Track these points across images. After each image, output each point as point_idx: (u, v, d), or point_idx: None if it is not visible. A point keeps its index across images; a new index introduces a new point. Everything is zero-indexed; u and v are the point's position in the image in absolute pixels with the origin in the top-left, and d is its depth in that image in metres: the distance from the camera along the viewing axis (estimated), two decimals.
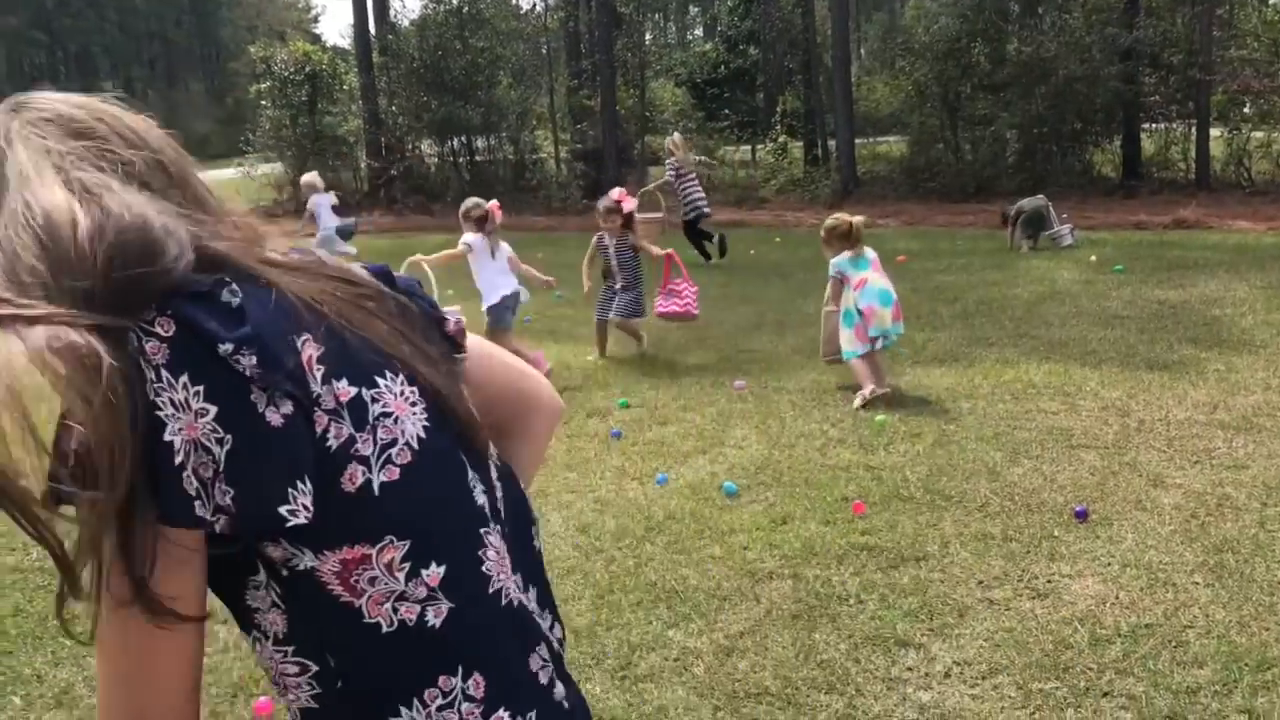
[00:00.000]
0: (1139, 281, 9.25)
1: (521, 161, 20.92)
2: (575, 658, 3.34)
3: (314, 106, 20.77)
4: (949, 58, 16.91)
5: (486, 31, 20.51)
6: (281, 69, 20.60)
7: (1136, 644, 3.27)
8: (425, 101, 19.99)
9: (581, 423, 5.94)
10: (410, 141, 20.95)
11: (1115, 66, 15.94)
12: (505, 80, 21.17)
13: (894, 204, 16.75)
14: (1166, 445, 5.04)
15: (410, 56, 20.15)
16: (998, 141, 17.12)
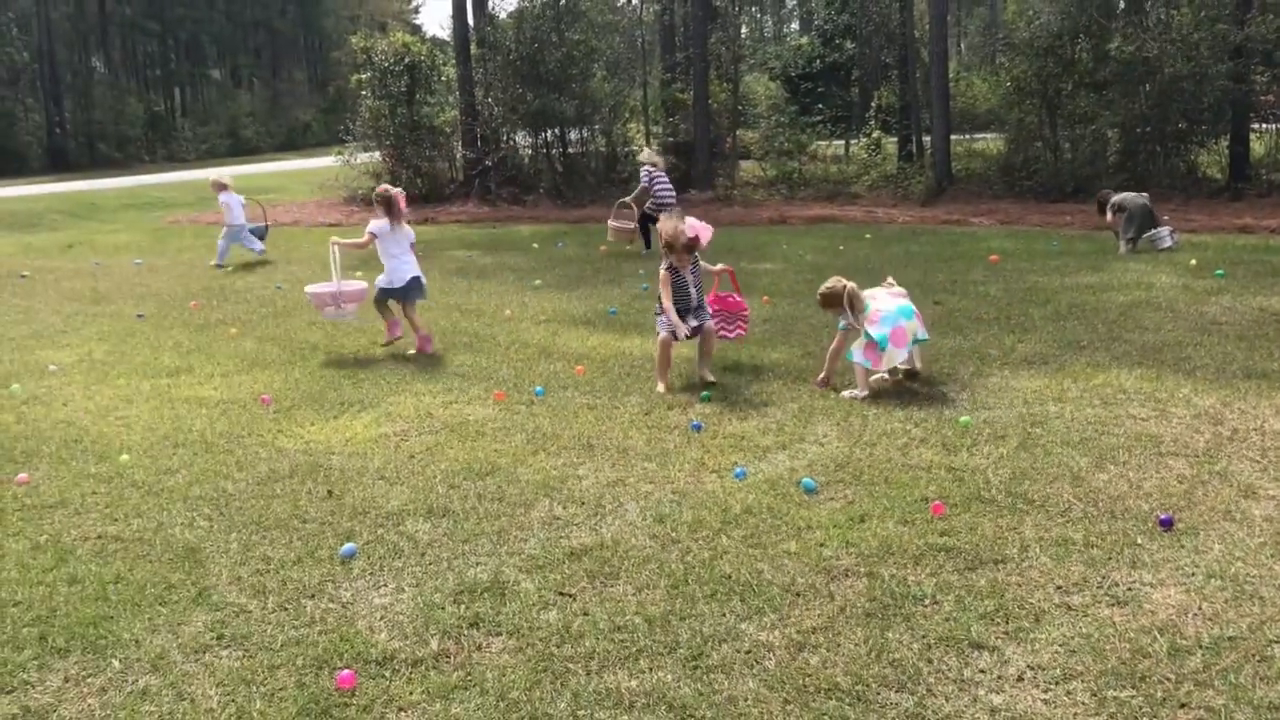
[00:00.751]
0: (1240, 288, 8.99)
1: (614, 154, 21.04)
2: (648, 645, 3.41)
3: (412, 97, 21.12)
4: (1050, 54, 16.57)
5: (582, 24, 20.64)
6: (382, 59, 20.98)
7: (1218, 656, 3.22)
8: (520, 93, 20.20)
9: (662, 414, 6.00)
10: (505, 133, 21.19)
11: (1225, 64, 15.45)
12: (599, 73, 21.29)
13: (988, 202, 16.49)
14: (1260, 456, 4.91)
15: (507, 49, 20.37)
16: (1098, 140, 16.73)
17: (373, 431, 5.89)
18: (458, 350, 7.85)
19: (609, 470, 5.10)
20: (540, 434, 5.72)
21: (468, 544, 4.28)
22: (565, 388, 6.67)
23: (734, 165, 21.34)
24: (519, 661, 3.35)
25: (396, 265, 7.93)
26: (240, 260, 13.53)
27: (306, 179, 28.21)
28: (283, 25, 74.08)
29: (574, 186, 20.16)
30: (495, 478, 5.05)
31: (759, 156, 21.26)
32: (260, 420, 6.18)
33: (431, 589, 3.88)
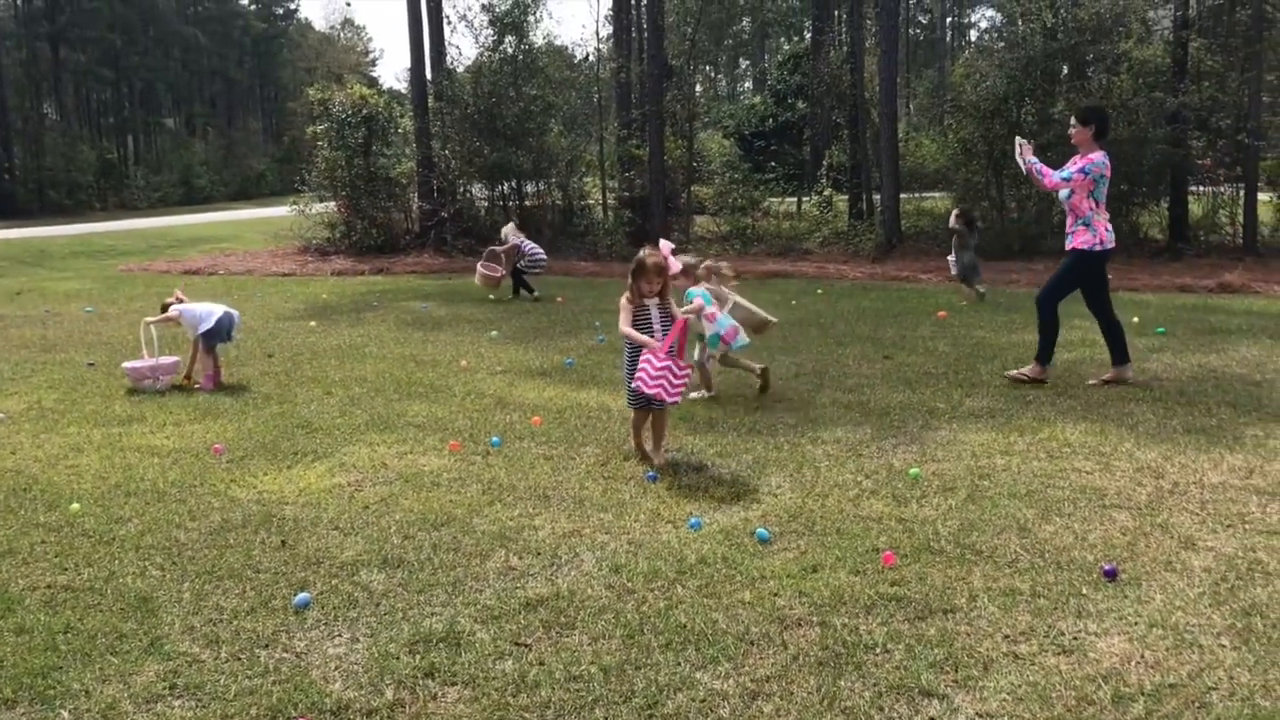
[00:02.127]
0: (1180, 345, 9.25)
1: (570, 207, 21.22)
2: (603, 695, 3.43)
3: (369, 148, 21.23)
4: (995, 116, 17.05)
5: (540, 80, 20.90)
6: (339, 110, 21.09)
7: (1160, 703, 3.30)
8: (478, 146, 20.38)
9: (619, 465, 6.04)
10: (462, 185, 21.32)
11: (1163, 129, 15.97)
12: (556, 128, 21.53)
13: (937, 259, 16.79)
14: (1199, 508, 5.05)
15: (465, 102, 20.56)
16: (1044, 201, 17.15)
17: (326, 482, 5.88)
18: (413, 400, 7.86)
19: (565, 521, 5.13)
20: (496, 484, 5.74)
21: (423, 594, 4.29)
22: (521, 438, 6.70)
23: (689, 220, 21.59)
24: (474, 711, 3.36)
25: (206, 314, 8.60)
26: None
27: (260, 228, 28.14)
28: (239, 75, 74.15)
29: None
30: (450, 528, 5.05)
31: (713, 212, 21.56)
32: (213, 470, 6.15)
33: (386, 639, 3.88)
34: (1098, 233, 7.73)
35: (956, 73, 21.07)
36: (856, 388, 7.96)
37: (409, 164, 21.99)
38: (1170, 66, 16.79)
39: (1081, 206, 7.77)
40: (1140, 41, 17.32)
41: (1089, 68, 17.60)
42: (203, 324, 8.53)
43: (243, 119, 75.37)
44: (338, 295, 15.03)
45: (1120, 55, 17.03)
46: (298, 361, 9.60)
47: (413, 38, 21.68)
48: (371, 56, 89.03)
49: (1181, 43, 16.86)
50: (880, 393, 7.75)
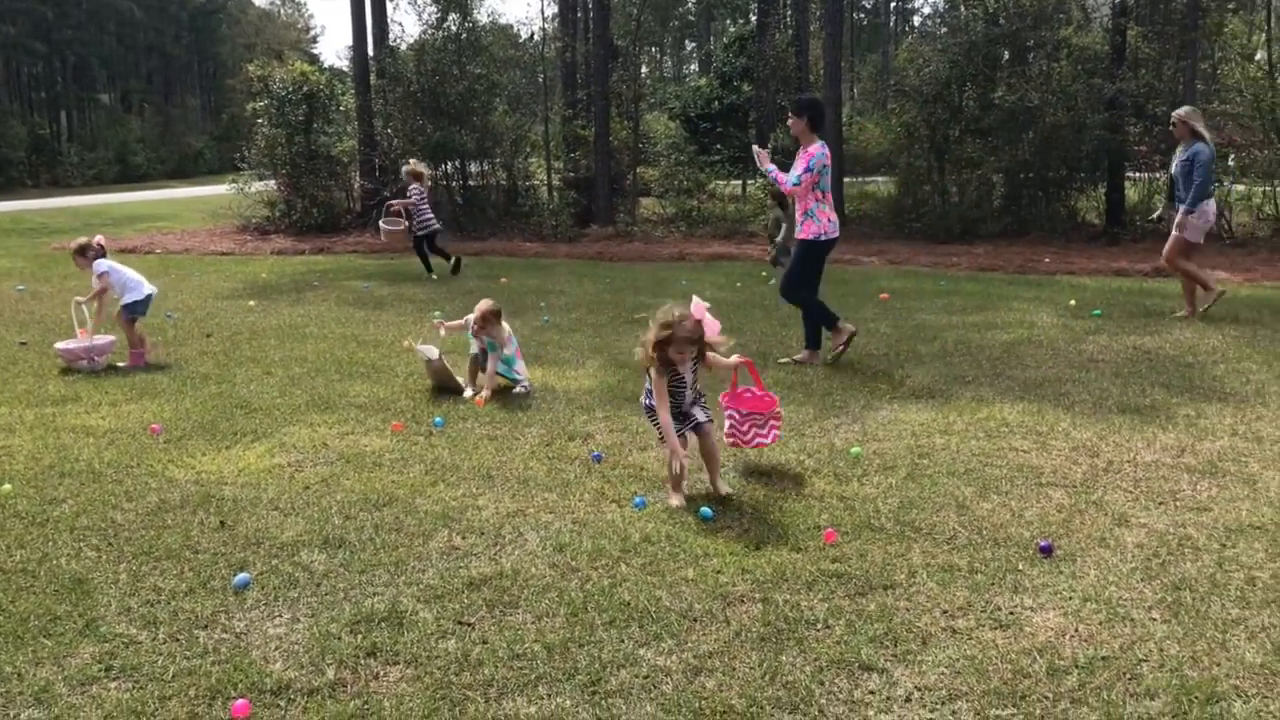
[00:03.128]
0: (1116, 327, 9.43)
1: (514, 188, 21.09)
2: (547, 672, 3.43)
3: (310, 126, 20.93)
4: (938, 101, 17.18)
5: (484, 59, 20.70)
6: (279, 88, 20.76)
7: (1092, 675, 3.38)
8: (420, 125, 20.16)
9: (563, 445, 6.04)
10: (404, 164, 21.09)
11: (1100, 115, 16.22)
12: (501, 107, 21.36)
13: (880, 243, 16.96)
14: (1133, 486, 5.16)
15: (407, 80, 20.32)
16: (984, 185, 17.39)
17: (266, 462, 5.81)
18: (355, 380, 7.79)
19: (509, 501, 5.12)
20: (439, 465, 5.70)
21: (364, 574, 4.26)
22: (465, 419, 6.67)
23: (634, 202, 21.57)
24: (417, 690, 3.35)
25: (136, 284, 8.58)
26: None
27: (198, 207, 27.66)
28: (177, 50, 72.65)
29: (474, 219, 20.13)
30: (393, 508, 5.02)
31: (659, 194, 21.54)
32: (150, 450, 6.05)
33: (327, 619, 3.84)
34: (821, 223, 8.06)
35: (900, 57, 21.25)
36: (800, 369, 8.01)
37: (350, 142, 21.72)
38: (1108, 53, 17.06)
39: (808, 199, 8.05)
40: (1080, 28, 17.60)
41: (1029, 53, 17.81)
42: (129, 293, 8.46)
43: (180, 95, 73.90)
44: (277, 275, 14.83)
45: (1060, 41, 17.26)
46: (236, 341, 9.46)
47: (355, 14, 21.39)
48: (313, 33, 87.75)
49: (1120, 30, 17.13)
50: (823, 373, 7.81)
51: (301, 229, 20.34)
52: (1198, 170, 9.63)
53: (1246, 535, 4.52)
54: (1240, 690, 3.27)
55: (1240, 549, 4.37)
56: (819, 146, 7.95)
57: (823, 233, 8.05)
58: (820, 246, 8.14)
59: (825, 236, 8.07)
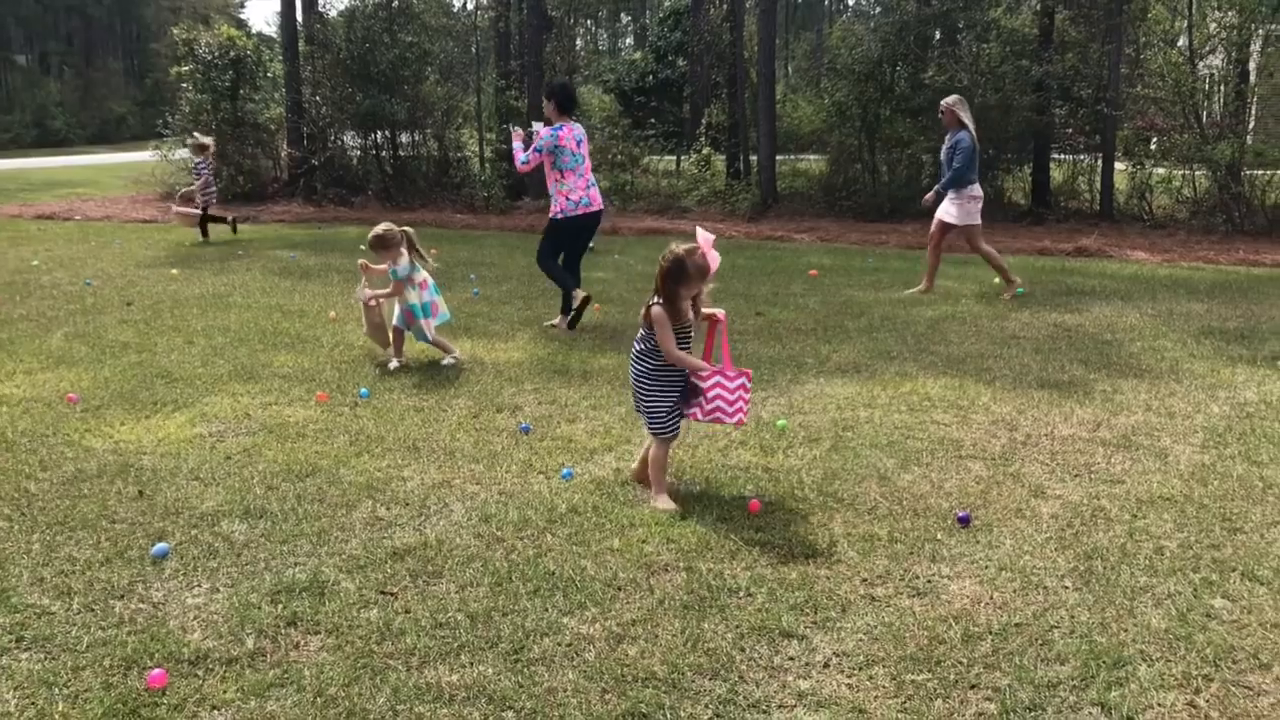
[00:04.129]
0: (1038, 305, 9.62)
1: (446, 159, 20.84)
2: (469, 641, 3.43)
3: (236, 92, 20.47)
4: (870, 80, 17.28)
5: (415, 26, 20.39)
6: (205, 52, 20.27)
7: (1005, 641, 3.46)
8: (350, 93, 19.82)
9: (490, 417, 6.02)
10: (333, 132, 20.75)
11: (1028, 97, 16.46)
12: (432, 76, 21.07)
13: (811, 220, 17.06)
14: (1049, 459, 5.29)
15: (337, 47, 19.95)
16: (914, 164, 17.54)
17: (187, 432, 5.71)
18: (279, 351, 7.67)
19: (434, 472, 5.09)
20: (364, 436, 5.65)
21: (286, 545, 4.21)
22: (390, 390, 6.61)
23: None
24: (338, 659, 3.33)
25: None
26: (51, 255, 12.87)
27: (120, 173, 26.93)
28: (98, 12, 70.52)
29: (404, 189, 19.88)
30: (316, 479, 4.97)
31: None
32: (67, 419, 5.91)
33: (247, 589, 3.80)
34: (559, 203, 8.50)
35: (833, 36, 21.33)
36: (729, 343, 8.04)
37: (278, 110, 21.30)
38: (1037, 36, 17.28)
39: (548, 180, 8.55)
40: (1009, 10, 17.77)
41: (960, 34, 17.99)
42: None
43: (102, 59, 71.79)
44: (202, 243, 14.52)
45: (990, 23, 17.44)
46: (158, 310, 9.26)
47: None
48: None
49: (1048, 13, 17.36)
50: (752, 348, 7.86)
51: (227, 197, 19.88)
52: (958, 156, 10.00)
53: (1156, 506, 4.65)
54: (1145, 655, 3.37)
55: (1150, 520, 4.50)
56: (549, 130, 8.39)
57: (561, 211, 8.49)
58: (559, 224, 8.57)
59: (564, 215, 8.49)
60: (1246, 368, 7.18)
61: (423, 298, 7.28)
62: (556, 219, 8.54)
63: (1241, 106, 15.65)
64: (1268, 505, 4.67)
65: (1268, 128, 16.88)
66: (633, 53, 37.59)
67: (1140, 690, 3.16)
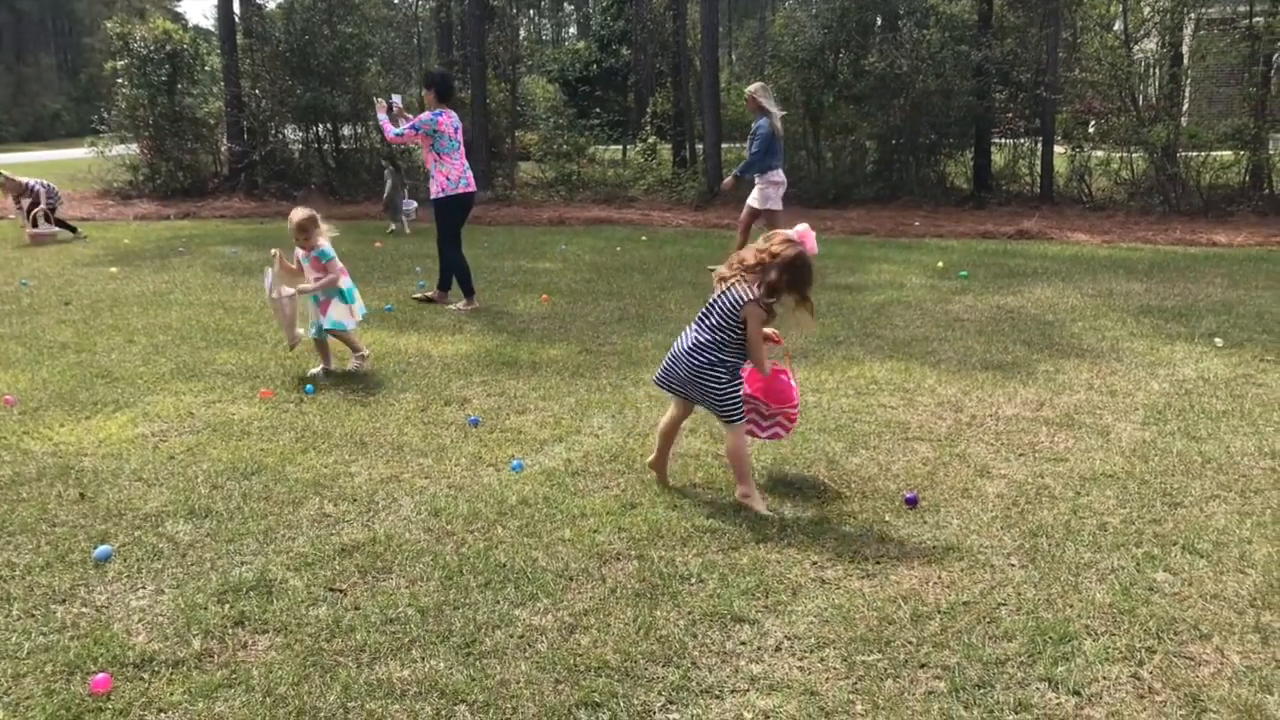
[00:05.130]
0: (981, 288, 9.73)
1: (390, 151, 20.65)
2: (420, 635, 3.41)
3: (173, 86, 20.12)
4: (812, 67, 17.37)
5: (355, 18, 20.19)
6: (140, 46, 19.89)
7: (954, 620, 3.50)
8: (290, 86, 19.58)
9: (439, 410, 5.98)
10: (274, 126, 20.48)
11: (968, 82, 16.63)
12: (374, 68, 20.87)
13: None
14: (994, 439, 5.35)
15: (276, 39, 19.70)
16: (857, 150, 17.67)
17: (129, 432, 5.61)
18: (222, 348, 7.57)
19: (383, 466, 5.05)
20: (310, 432, 5.59)
21: (232, 544, 4.16)
22: (337, 385, 6.54)
23: (513, 166, 21.35)
24: (286, 658, 3.29)
25: None
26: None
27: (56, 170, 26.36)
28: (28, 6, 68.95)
29: (347, 182, 19.69)
30: (262, 476, 4.91)
31: (538, 158, 21.36)
32: (3, 422, 5.78)
33: (193, 589, 3.75)
34: (439, 183, 8.86)
35: (776, 23, 21.41)
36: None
37: (217, 104, 20.97)
38: (976, 21, 17.46)
39: (428, 160, 8.93)
40: None
41: (900, 20, 18.13)
42: None
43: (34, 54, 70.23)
44: (141, 240, 14.28)
45: (929, 9, 17.60)
46: (97, 309, 9.09)
47: None
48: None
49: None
50: None
51: (166, 193, 19.60)
52: (756, 142, 10.25)
53: (1099, 483, 4.72)
54: (1090, 629, 3.43)
55: (1093, 496, 4.57)
56: (430, 114, 8.81)
57: (442, 191, 8.86)
58: (442, 204, 8.93)
59: (445, 194, 8.86)
60: (1185, 345, 7.32)
61: (347, 283, 6.87)
62: (439, 198, 8.90)
63: (1176, 89, 15.92)
64: (1206, 480, 4.77)
65: (1201, 110, 17.19)
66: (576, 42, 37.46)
67: (1086, 664, 3.21)
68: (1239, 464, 4.96)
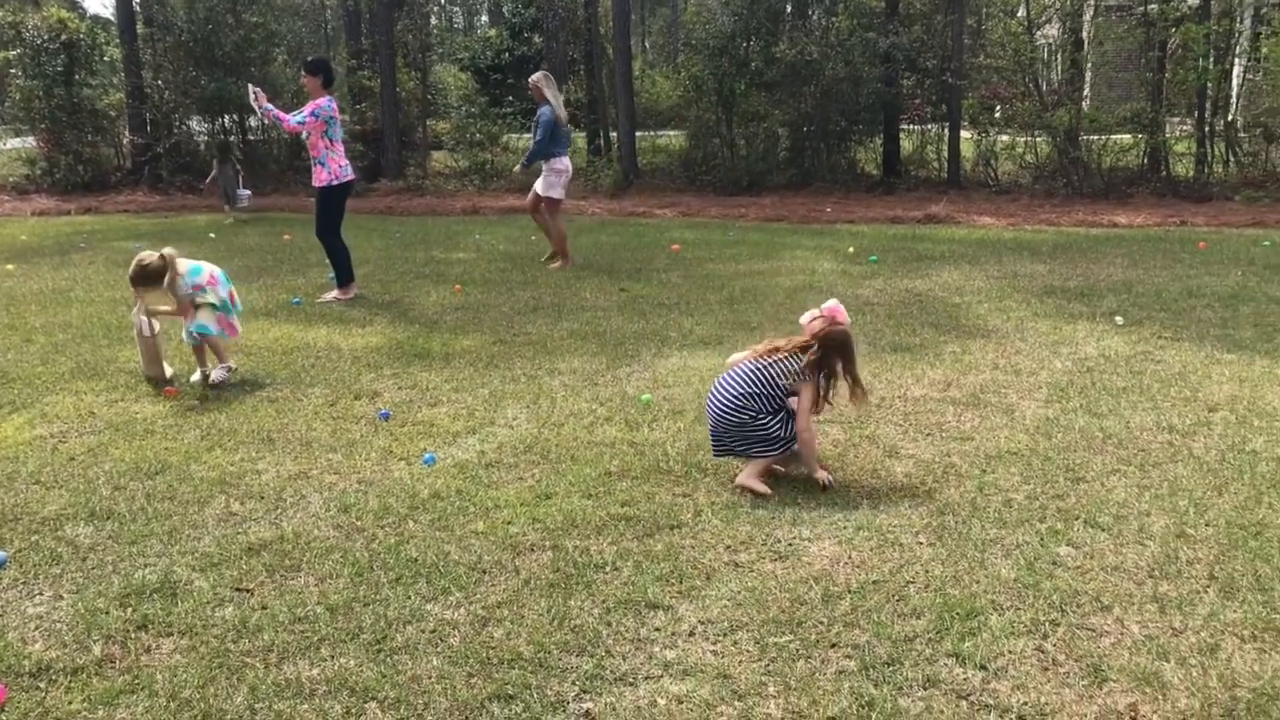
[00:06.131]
0: (890, 271, 9.87)
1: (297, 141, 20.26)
2: (330, 633, 3.36)
3: (71, 77, 19.48)
4: (724, 54, 17.42)
5: (261, 6, 19.75)
6: (33, 35, 19.22)
7: (864, 599, 3.55)
8: (194, 76, 19.09)
9: (349, 405, 5.89)
10: (178, 118, 19.96)
11: (876, 69, 16.84)
12: (281, 57, 20.46)
13: (672, 195, 17.17)
14: (903, 420, 5.44)
15: (178, 29, 19.19)
16: (770, 138, 17.79)
17: (26, 434, 5.43)
18: (125, 345, 7.36)
19: (291, 463, 4.96)
20: (216, 429, 5.47)
21: (135, 545, 4.05)
22: (244, 380, 6.41)
23: (425, 155, 21.09)
24: (192, 660, 3.22)
25: None
26: None
27: None
28: None
29: (255, 174, 19.25)
30: (166, 476, 4.79)
31: (450, 147, 21.13)
32: None
33: (94, 594, 3.64)
34: (332, 170, 8.82)
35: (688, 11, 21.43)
36: (593, 320, 8.05)
37: (118, 95, 20.37)
38: (884, 9, 17.69)
39: (318, 146, 8.80)
40: None
41: (810, 8, 18.29)
42: None
43: None
44: (39, 237, 13.84)
45: None
46: None
47: None
48: None
49: None
50: (616, 323, 7.87)
51: (66, 188, 18.99)
52: (538, 130, 10.38)
53: (1004, 461, 4.83)
54: (996, 604, 3.50)
55: (999, 474, 4.67)
56: (327, 99, 8.74)
57: (335, 178, 8.81)
58: (334, 191, 8.87)
59: (337, 181, 8.82)
60: (1086, 324, 7.51)
61: (220, 294, 6.35)
62: (332, 185, 8.82)
63: (1077, 74, 16.32)
64: (1107, 455, 4.90)
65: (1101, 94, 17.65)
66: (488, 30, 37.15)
67: (992, 639, 3.28)
68: (1138, 439, 5.10)
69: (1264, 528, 4.05)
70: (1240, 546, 3.89)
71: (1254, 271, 9.46)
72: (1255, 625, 3.33)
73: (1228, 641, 3.25)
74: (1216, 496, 4.38)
